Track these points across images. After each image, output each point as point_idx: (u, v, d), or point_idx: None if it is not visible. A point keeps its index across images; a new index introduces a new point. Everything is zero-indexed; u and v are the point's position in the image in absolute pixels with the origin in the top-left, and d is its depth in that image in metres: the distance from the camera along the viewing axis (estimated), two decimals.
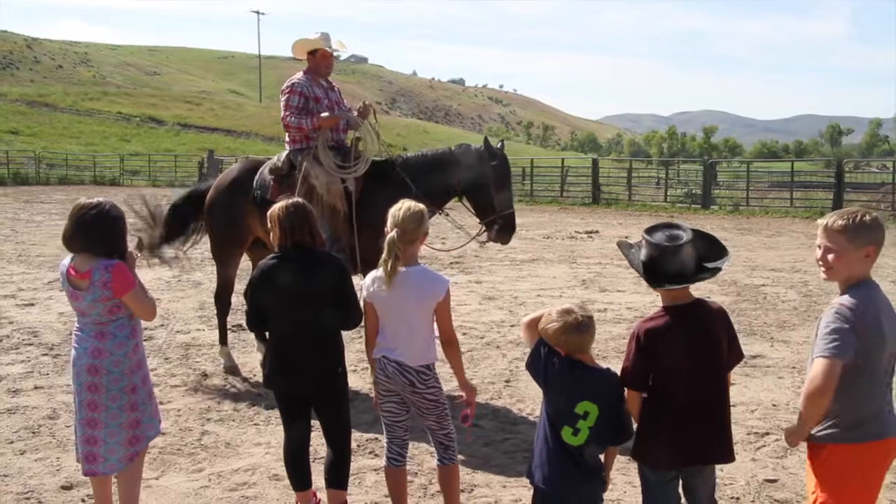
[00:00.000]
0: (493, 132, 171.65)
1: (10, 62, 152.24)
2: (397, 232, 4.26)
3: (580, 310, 3.71)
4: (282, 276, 4.46)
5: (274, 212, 4.57)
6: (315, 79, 7.70)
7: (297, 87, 7.59)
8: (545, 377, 3.74)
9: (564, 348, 3.69)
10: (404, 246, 4.28)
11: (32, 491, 5.18)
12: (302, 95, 7.55)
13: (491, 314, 10.63)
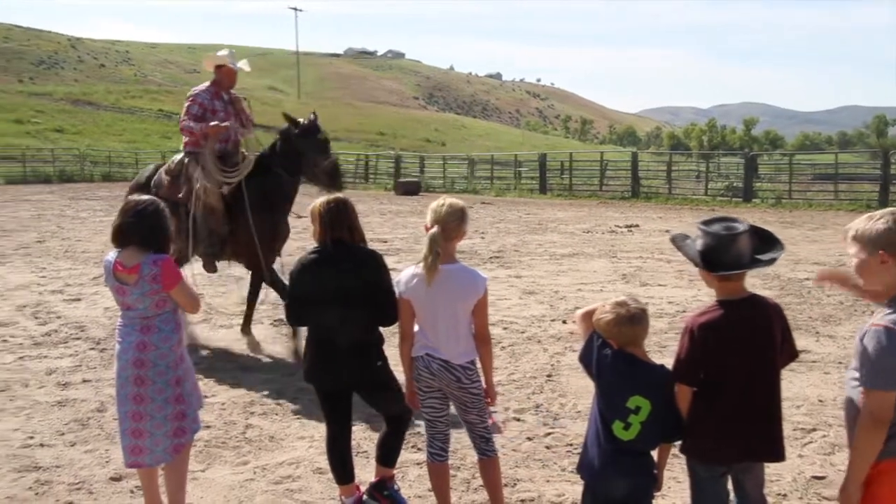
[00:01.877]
0: (530, 126, 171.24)
1: (54, 62, 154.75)
2: (438, 229, 4.24)
3: (633, 302, 3.68)
4: (322, 271, 4.49)
5: (315, 207, 4.60)
6: (217, 92, 8.60)
7: (198, 97, 8.49)
8: (597, 370, 3.71)
9: (617, 340, 3.66)
10: (445, 243, 4.26)
11: (83, 482, 5.27)
12: (201, 106, 8.43)
13: (531, 308, 10.60)
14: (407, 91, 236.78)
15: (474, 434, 4.55)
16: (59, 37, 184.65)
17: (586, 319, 3.83)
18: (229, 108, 8.63)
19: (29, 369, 7.89)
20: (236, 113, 8.70)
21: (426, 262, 4.21)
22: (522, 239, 18.00)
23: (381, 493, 4.84)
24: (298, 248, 15.87)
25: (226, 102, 8.61)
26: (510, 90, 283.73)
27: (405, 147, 75.76)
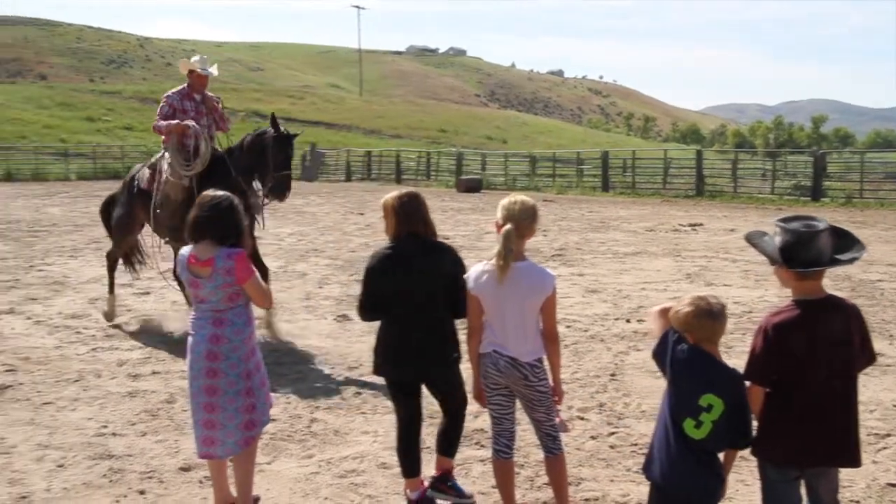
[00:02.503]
0: (592, 124, 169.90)
1: (124, 61, 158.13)
2: (512, 226, 4.23)
3: (713, 298, 3.64)
4: (400, 265, 4.52)
5: (388, 202, 4.64)
6: (189, 94, 9.39)
7: (169, 98, 9.35)
8: (671, 366, 3.67)
9: (695, 334, 3.61)
10: (517, 240, 4.25)
11: (154, 471, 5.39)
12: (171, 106, 9.25)
13: (594, 307, 10.53)
14: (468, 88, 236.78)
15: (541, 432, 4.54)
16: (129, 37, 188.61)
17: (661, 316, 3.79)
18: (201, 107, 9.40)
19: (101, 360, 8.09)
20: (208, 112, 9.47)
21: (499, 258, 4.20)
22: (585, 237, 17.89)
23: (445, 485, 4.89)
24: (362, 245, 16.02)
25: (197, 103, 9.39)
26: (572, 87, 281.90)
27: (466, 144, 75.80)
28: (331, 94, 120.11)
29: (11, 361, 7.99)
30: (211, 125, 9.48)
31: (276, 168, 8.84)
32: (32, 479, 5.25)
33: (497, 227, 4.32)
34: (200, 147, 9.13)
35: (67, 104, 77.52)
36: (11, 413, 6.53)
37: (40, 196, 30.14)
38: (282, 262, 13.92)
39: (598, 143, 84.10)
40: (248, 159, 9.00)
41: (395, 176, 41.33)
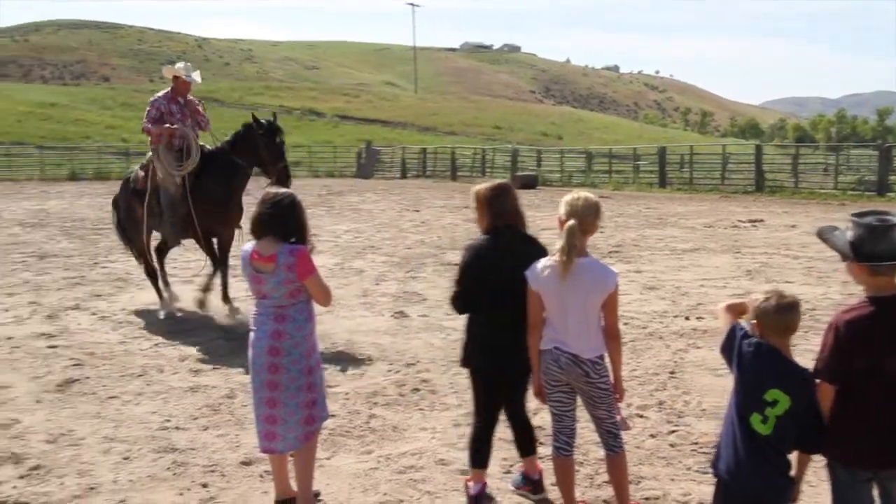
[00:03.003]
0: (648, 119, 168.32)
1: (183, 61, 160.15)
2: (576, 222, 4.21)
3: (788, 293, 3.58)
4: (498, 257, 4.50)
5: (480, 193, 4.67)
6: (174, 97, 10.05)
7: (156, 102, 10.01)
8: (738, 361, 3.61)
9: (770, 328, 3.54)
10: (581, 236, 4.24)
11: (216, 465, 5.47)
12: (158, 109, 9.92)
13: (652, 304, 10.43)
14: (523, 84, 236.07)
15: (602, 429, 4.52)
16: (187, 37, 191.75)
17: (730, 311, 3.75)
18: (185, 109, 10.07)
19: (164, 356, 8.23)
20: (192, 114, 10.13)
21: (563, 254, 4.19)
22: (642, 233, 17.73)
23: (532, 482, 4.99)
24: (417, 242, 16.08)
25: (181, 106, 10.07)
26: (628, 82, 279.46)
27: (521, 141, 75.59)
28: (386, 92, 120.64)
29: (78, 356, 8.18)
30: (194, 126, 10.11)
31: (273, 160, 9.64)
32: (100, 471, 5.37)
33: (560, 223, 4.29)
34: (192, 148, 9.84)
35: (129, 104, 78.97)
36: (79, 406, 6.69)
37: (103, 195, 30.74)
38: (338, 258, 14.03)
39: (654, 138, 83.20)
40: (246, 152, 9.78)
41: (450, 173, 41.39)
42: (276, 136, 9.71)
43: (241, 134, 9.90)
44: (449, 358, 8.04)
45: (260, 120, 9.76)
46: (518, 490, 5.00)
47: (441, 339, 8.77)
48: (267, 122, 9.73)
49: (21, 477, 5.29)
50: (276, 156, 9.68)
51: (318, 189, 30.58)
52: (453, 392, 6.98)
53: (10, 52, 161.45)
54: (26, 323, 9.64)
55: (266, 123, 9.71)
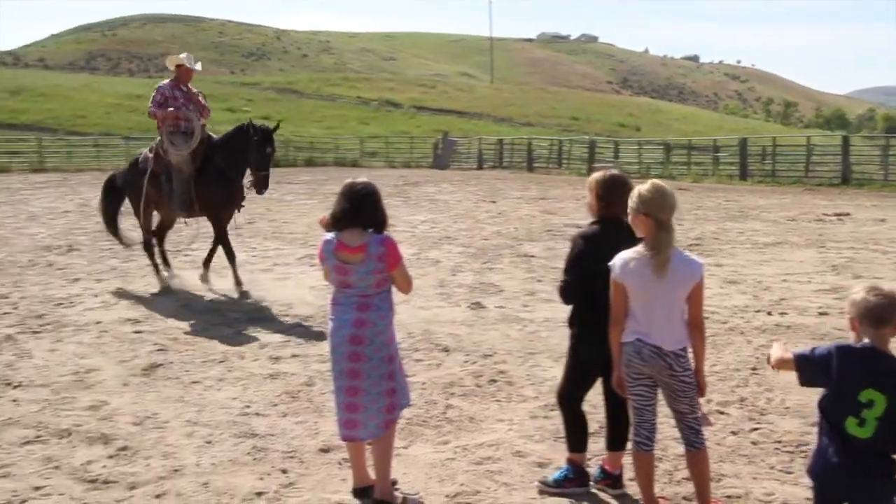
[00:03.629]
0: (729, 110, 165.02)
1: (262, 53, 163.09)
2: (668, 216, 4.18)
3: (885, 288, 3.44)
4: (609, 246, 4.42)
5: (593, 181, 4.67)
6: (177, 84, 10.98)
7: (160, 88, 10.97)
8: (823, 370, 3.46)
9: (861, 322, 3.42)
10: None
11: (295, 451, 5.54)
12: (162, 95, 10.87)
13: (733, 298, 10.23)
14: (600, 75, 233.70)
15: (683, 424, 4.45)
16: (267, 30, 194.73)
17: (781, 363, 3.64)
18: (188, 96, 10.99)
19: (244, 342, 8.37)
20: (194, 101, 11.03)
21: (660, 249, 4.15)
22: (722, 226, 17.40)
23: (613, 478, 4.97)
24: (494, 233, 16.06)
25: (184, 93, 10.98)
26: (707, 73, 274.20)
27: (599, 132, 74.84)
28: (462, 83, 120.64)
29: (162, 341, 8.38)
30: (196, 112, 10.97)
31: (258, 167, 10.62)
32: (184, 454, 5.50)
33: (643, 219, 4.23)
34: (196, 129, 10.80)
35: (210, 96, 79.45)
36: (163, 390, 6.86)
37: None
38: (415, 249, 14.09)
39: (734, 129, 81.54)
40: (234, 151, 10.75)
41: (526, 164, 41.22)
42: (266, 146, 10.59)
43: (232, 134, 10.92)
44: (526, 350, 8.02)
45: (256, 126, 10.66)
46: (596, 484, 4.95)
47: (518, 331, 8.74)
48: (262, 130, 10.60)
49: (110, 457, 5.45)
50: (262, 162, 10.62)
51: (394, 179, 30.77)
52: (530, 384, 6.96)
53: (99, 45, 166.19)
54: (114, 308, 9.92)
55: (262, 131, 10.59)
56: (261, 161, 10.61)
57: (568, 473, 4.93)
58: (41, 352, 8.04)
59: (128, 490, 4.96)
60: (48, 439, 5.78)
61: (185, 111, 10.84)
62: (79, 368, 7.47)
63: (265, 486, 4.99)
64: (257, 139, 10.51)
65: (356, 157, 47.97)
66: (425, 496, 4.86)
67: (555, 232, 16.54)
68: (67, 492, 4.94)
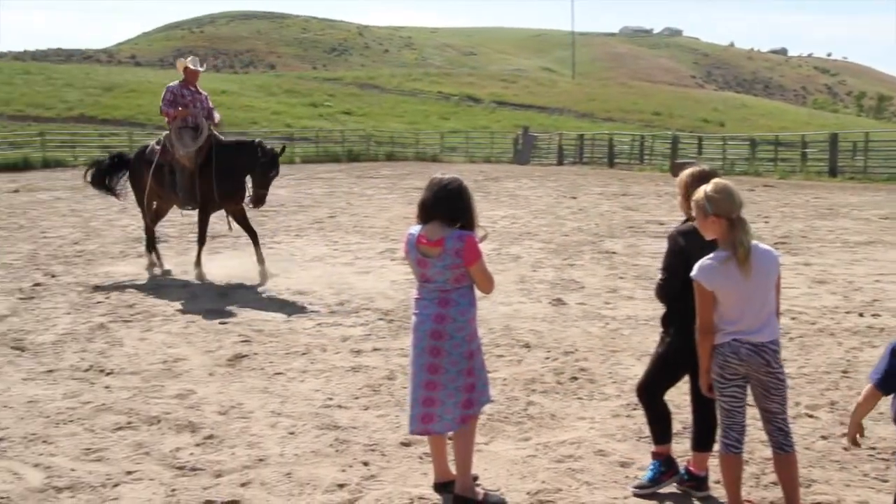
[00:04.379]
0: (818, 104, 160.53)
1: (344, 49, 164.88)
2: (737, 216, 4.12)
3: None
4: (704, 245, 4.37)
5: (682, 179, 4.70)
6: (186, 85, 11.87)
7: (171, 88, 11.86)
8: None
9: None
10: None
11: (377, 444, 5.59)
12: (172, 94, 11.76)
13: (822, 299, 9.94)
14: (684, 69, 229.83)
15: (772, 426, 4.36)
16: (349, 25, 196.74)
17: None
18: (195, 96, 11.85)
19: (326, 335, 8.48)
20: (202, 101, 11.87)
21: (741, 249, 4.10)
22: (810, 224, 16.93)
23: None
24: (574, 229, 15.92)
25: (192, 93, 11.85)
26: (796, 66, 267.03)
27: (681, 127, 73.57)
28: (543, 78, 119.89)
29: (247, 333, 8.54)
30: (202, 111, 11.81)
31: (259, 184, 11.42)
32: (268, 444, 5.59)
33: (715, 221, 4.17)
34: (202, 126, 11.64)
35: (293, 91, 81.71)
36: (248, 381, 6.99)
37: None
38: (495, 244, 14.06)
39: (824, 124, 79.30)
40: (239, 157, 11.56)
41: (607, 160, 40.79)
42: (271, 170, 11.44)
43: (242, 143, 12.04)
44: (608, 347, 7.94)
45: (265, 148, 11.46)
46: (681, 486, 4.87)
47: (599, 328, 8.66)
48: (270, 153, 11.39)
49: (197, 445, 5.58)
50: (263, 182, 11.45)
51: (474, 175, 30.75)
52: (612, 382, 6.89)
53: (187, 43, 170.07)
54: (199, 300, 10.14)
55: (270, 154, 11.39)
56: (263, 181, 11.44)
57: (659, 467, 4.87)
58: (132, 340, 8.28)
59: (214, 477, 5.06)
60: (139, 426, 5.94)
61: (193, 109, 11.72)
62: (167, 357, 7.67)
63: (347, 478, 5.04)
64: (264, 161, 11.32)
65: (436, 151, 48.08)
66: (506, 493, 4.85)
67: (636, 229, 16.33)
68: (157, 477, 5.07)
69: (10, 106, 58.78)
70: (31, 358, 7.68)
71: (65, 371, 7.25)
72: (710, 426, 4.75)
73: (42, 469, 5.20)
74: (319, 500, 4.77)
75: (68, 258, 13.24)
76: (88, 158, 37.28)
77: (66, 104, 61.36)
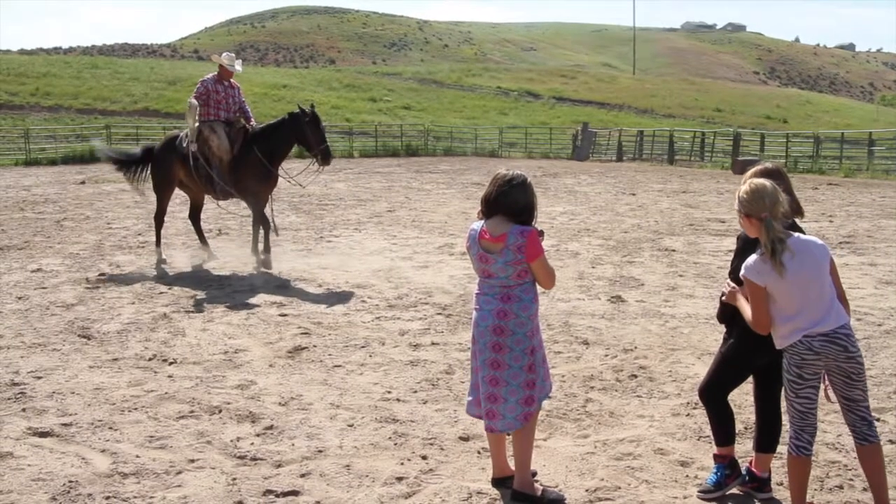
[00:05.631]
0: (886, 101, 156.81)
1: (404, 44, 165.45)
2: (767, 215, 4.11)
3: None
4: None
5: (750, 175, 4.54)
6: (220, 79, 12.10)
7: (204, 82, 12.12)
8: None
9: None
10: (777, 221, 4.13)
11: (435, 438, 5.61)
12: (205, 88, 11.99)
13: (889, 300, 9.72)
14: (746, 65, 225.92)
15: (855, 416, 4.27)
16: (409, 20, 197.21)
17: None
18: (229, 91, 12.13)
19: (384, 329, 8.53)
20: (232, 97, 12.15)
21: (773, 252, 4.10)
22: (877, 224, 16.53)
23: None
24: (634, 226, 15.76)
25: (226, 87, 12.11)
26: (863, 62, 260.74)
27: (744, 124, 72.35)
28: (603, 74, 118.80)
29: (306, 325, 8.63)
30: (237, 103, 12.19)
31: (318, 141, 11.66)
32: (327, 435, 5.65)
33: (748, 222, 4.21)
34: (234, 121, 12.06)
35: (353, 86, 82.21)
36: (307, 373, 7.06)
37: (327, 172, 32.20)
38: (554, 240, 14.00)
39: (891, 122, 77.39)
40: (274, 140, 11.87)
41: (667, 157, 40.31)
42: (319, 123, 11.68)
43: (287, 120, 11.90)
44: (667, 345, 7.86)
45: (304, 109, 11.71)
46: (742, 488, 4.80)
47: (659, 326, 8.57)
48: (311, 111, 11.68)
49: (257, 435, 5.66)
50: (319, 138, 11.67)
51: (532, 170, 30.59)
52: (672, 380, 6.82)
53: (248, 37, 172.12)
54: (260, 291, 10.27)
55: (311, 112, 11.65)
56: (318, 137, 11.68)
57: (724, 470, 4.80)
58: (194, 331, 8.42)
59: (274, 468, 5.13)
60: (200, 415, 6.05)
61: (192, 101, 11.95)
62: (228, 348, 7.79)
63: (405, 472, 5.07)
64: (308, 120, 11.62)
65: (495, 147, 47.99)
66: (565, 489, 4.83)
67: (696, 226, 16.12)
68: (219, 466, 5.15)
69: (78, 100, 60.19)
70: (97, 346, 7.86)
71: (129, 360, 7.41)
72: (774, 427, 4.71)
73: (108, 455, 5.33)
74: (378, 492, 4.80)
75: (132, 249, 13.51)
76: None
77: (131, 97, 62.59)
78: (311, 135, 11.68)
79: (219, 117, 12.03)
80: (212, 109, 12.02)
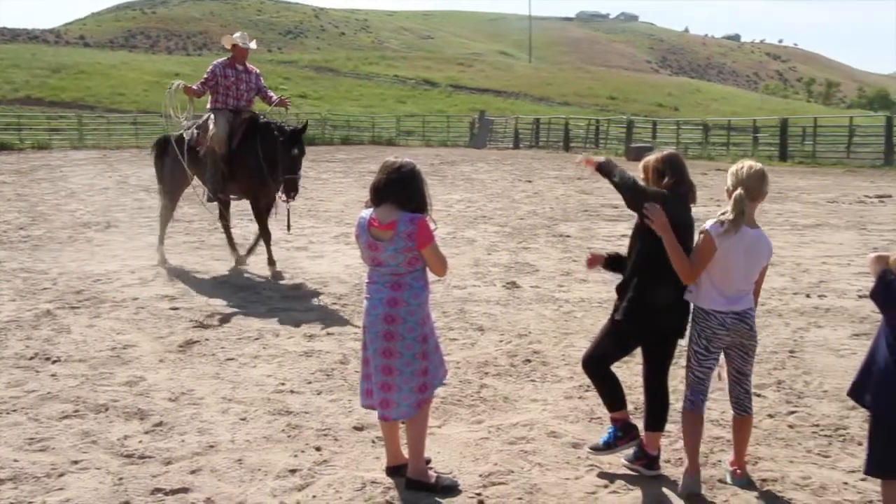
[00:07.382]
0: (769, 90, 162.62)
1: (299, 31, 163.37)
2: (742, 190, 4.48)
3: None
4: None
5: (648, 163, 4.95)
6: (231, 64, 10.89)
7: (214, 67, 10.87)
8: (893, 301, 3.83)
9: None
10: (750, 203, 4.52)
11: (329, 429, 5.56)
12: (213, 74, 10.75)
13: (771, 280, 10.07)
14: (639, 55, 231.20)
15: (741, 388, 4.75)
16: (305, 7, 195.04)
17: (878, 262, 3.92)
18: (241, 76, 10.89)
19: (279, 320, 8.41)
20: (246, 82, 10.93)
21: (732, 220, 4.45)
22: (761, 207, 16.95)
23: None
24: (530, 213, 15.96)
25: (238, 72, 10.87)
26: (748, 52, 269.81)
27: (637, 112, 74.02)
28: (499, 62, 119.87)
29: (198, 318, 8.44)
30: (251, 90, 11.00)
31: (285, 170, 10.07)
32: (218, 430, 5.54)
33: (728, 194, 4.59)
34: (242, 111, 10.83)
35: None
36: (199, 367, 6.91)
37: None
38: (451, 228, 14.06)
39: (775, 110, 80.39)
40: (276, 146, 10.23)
41: (563, 144, 40.94)
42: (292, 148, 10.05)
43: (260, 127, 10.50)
44: (561, 330, 7.99)
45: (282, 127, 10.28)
46: (631, 465, 4.91)
47: (553, 311, 8.70)
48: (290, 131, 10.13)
49: (146, 432, 5.51)
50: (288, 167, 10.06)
51: (430, 158, 30.69)
52: (565, 364, 6.92)
53: (138, 24, 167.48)
54: (150, 285, 10.01)
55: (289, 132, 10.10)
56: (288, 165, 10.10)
57: (616, 432, 4.95)
58: (79, 327, 8.14)
59: (163, 465, 5.00)
60: (86, 414, 5.85)
61: (236, 91, 10.79)
62: (116, 344, 7.55)
63: (299, 464, 5.02)
64: (282, 140, 10.07)
65: (392, 135, 47.88)
66: (459, 475, 4.85)
67: (591, 212, 16.42)
68: (104, 466, 4.99)
69: None
70: None
71: (8, 359, 7.09)
72: (663, 406, 4.89)
73: None
74: (271, 485, 4.74)
75: (13, 244, 12.97)
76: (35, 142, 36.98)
77: (11, 85, 60.13)
78: (280, 156, 10.10)
79: (226, 105, 10.79)
80: (220, 97, 10.79)
